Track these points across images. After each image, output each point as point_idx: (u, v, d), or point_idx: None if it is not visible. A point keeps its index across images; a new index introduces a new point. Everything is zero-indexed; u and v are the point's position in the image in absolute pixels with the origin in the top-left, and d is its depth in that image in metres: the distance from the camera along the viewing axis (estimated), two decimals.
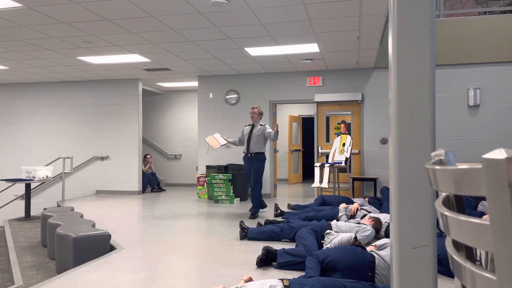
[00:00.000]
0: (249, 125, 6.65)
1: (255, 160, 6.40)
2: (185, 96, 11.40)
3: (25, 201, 7.70)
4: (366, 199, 6.26)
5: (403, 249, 2.01)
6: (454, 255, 0.71)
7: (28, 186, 7.70)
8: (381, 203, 6.04)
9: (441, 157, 0.80)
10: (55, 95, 9.99)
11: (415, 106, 2.02)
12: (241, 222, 4.92)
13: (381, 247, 3.42)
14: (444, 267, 3.20)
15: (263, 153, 6.46)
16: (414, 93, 2.03)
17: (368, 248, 3.40)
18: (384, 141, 8.17)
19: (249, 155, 6.44)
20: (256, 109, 6.56)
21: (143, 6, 4.69)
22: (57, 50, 6.79)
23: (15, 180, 7.76)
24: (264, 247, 3.69)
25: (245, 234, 4.78)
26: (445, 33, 7.58)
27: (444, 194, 0.78)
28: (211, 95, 9.13)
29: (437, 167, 0.71)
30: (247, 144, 6.44)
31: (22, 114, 10.22)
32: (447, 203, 0.77)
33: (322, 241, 3.93)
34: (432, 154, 0.82)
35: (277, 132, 6.23)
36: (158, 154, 11.58)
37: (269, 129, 6.42)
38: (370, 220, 4.49)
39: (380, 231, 4.51)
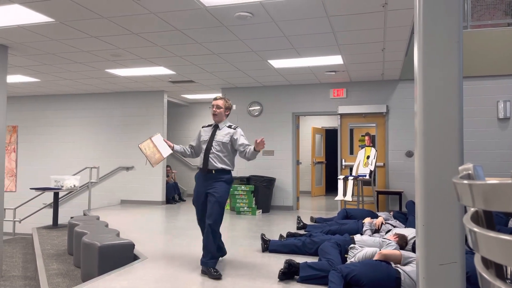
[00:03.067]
0: (209, 125, 4.39)
1: (215, 181, 4.03)
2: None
3: (53, 210, 7.90)
4: (391, 213, 6.13)
5: (430, 266, 1.96)
6: (483, 273, 0.69)
7: (56, 195, 7.91)
8: (406, 218, 5.90)
9: (470, 172, 0.78)
10: (83, 107, 10.28)
11: (442, 119, 1.98)
12: (263, 234, 4.90)
13: (405, 260, 3.34)
14: (473, 285, 3.08)
15: (229, 172, 4.11)
16: (441, 106, 1.99)
17: (394, 265, 3.32)
18: (409, 154, 8.02)
19: (206, 172, 4.10)
20: (221, 101, 4.26)
21: (169, 20, 4.80)
22: (87, 63, 7.01)
23: (44, 189, 7.98)
24: (287, 260, 3.66)
25: (267, 247, 4.75)
26: (473, 45, 7.42)
27: (472, 209, 0.76)
28: (234, 106, 9.20)
29: (465, 181, 0.69)
30: (204, 156, 4.15)
31: (52, 125, 10.55)
32: (476, 218, 0.75)
33: (345, 255, 3.86)
34: (460, 168, 0.80)
35: (256, 152, 4.03)
36: (182, 165, 11.70)
37: (242, 139, 4.18)
38: (395, 236, 4.37)
39: (404, 248, 4.39)
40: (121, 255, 4.29)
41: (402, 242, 4.30)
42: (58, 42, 5.73)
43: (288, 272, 3.61)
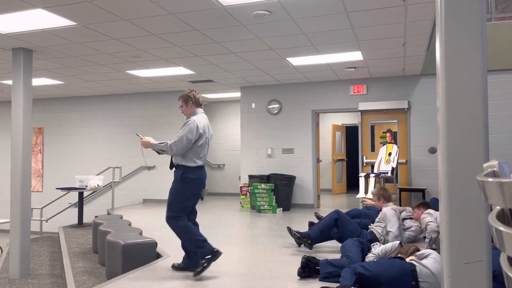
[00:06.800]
0: None
1: (174, 178, 3.91)
2: (228, 107, 11.57)
3: (78, 209, 8.08)
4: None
5: (455, 264, 1.91)
6: (510, 273, 0.67)
7: (81, 195, 8.09)
8: None
9: (495, 169, 0.76)
10: (106, 108, 10.48)
11: (466, 115, 1.94)
12: (288, 228, 4.93)
13: (421, 256, 3.28)
14: (501, 284, 3.01)
15: (182, 167, 3.83)
16: (465, 101, 1.95)
17: (408, 259, 3.28)
18: (432, 151, 7.86)
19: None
20: (179, 102, 4.16)
21: (188, 20, 4.83)
22: (108, 65, 7.13)
23: (69, 189, 8.18)
24: (304, 256, 3.65)
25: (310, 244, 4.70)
26: (498, 37, 7.21)
27: (498, 207, 0.74)
28: (253, 105, 9.21)
29: (490, 179, 0.68)
30: None
31: (76, 126, 10.80)
32: (501, 217, 0.73)
33: (368, 252, 3.82)
34: (485, 165, 0.78)
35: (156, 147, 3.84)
36: None
37: (182, 128, 3.89)
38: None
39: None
40: (144, 253, 4.35)
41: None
42: (80, 45, 5.85)
43: (308, 269, 3.59)
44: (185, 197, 3.85)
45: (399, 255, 3.48)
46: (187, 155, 3.83)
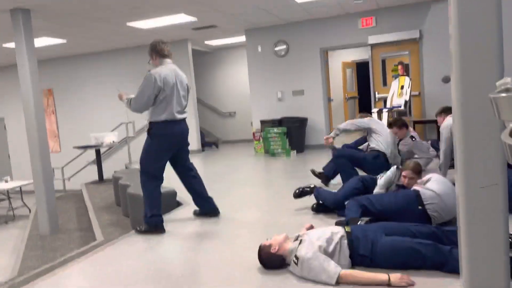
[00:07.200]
0: None
1: None
2: (234, 53, 11.32)
3: (97, 166, 8.29)
4: (429, 142, 6.00)
5: (470, 189, 1.92)
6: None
7: (98, 152, 8.25)
8: None
9: (508, 85, 0.73)
10: (112, 63, 10.37)
11: (479, 38, 1.85)
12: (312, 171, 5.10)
13: (423, 181, 3.30)
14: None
15: (150, 124, 3.70)
16: (478, 24, 1.85)
17: (414, 187, 3.30)
18: (446, 80, 7.66)
19: None
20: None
21: None
22: (107, 19, 6.95)
23: (86, 147, 8.33)
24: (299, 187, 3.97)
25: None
26: None
27: (511, 125, 0.72)
28: (259, 48, 8.99)
29: (503, 94, 0.65)
30: None
31: (84, 84, 10.78)
32: None
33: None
34: (498, 83, 0.75)
35: (126, 101, 3.79)
36: (213, 113, 11.79)
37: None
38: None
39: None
40: (165, 202, 4.47)
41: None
42: (76, 1, 5.67)
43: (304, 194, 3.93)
44: (154, 153, 3.63)
45: (403, 174, 3.48)
46: (154, 110, 3.61)
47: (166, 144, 3.68)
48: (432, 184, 3.16)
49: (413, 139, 5.23)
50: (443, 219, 3.05)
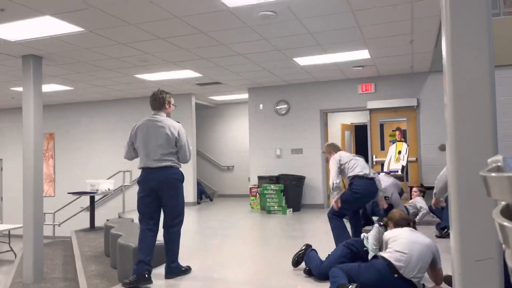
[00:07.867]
0: None
1: None
2: (236, 108, 11.59)
3: (89, 213, 8.15)
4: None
5: (466, 262, 1.89)
6: None
7: (92, 199, 8.16)
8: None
9: (499, 164, 0.75)
10: (115, 112, 10.56)
11: (473, 110, 1.92)
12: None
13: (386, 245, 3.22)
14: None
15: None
16: (472, 97, 1.93)
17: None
18: (443, 148, 7.77)
19: None
20: None
21: (193, 23, 4.86)
22: (116, 70, 7.19)
23: (80, 193, 8.26)
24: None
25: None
26: (506, 32, 7.11)
27: (503, 203, 0.73)
28: (261, 106, 9.21)
29: (493, 174, 0.67)
30: None
31: (86, 131, 10.90)
32: (506, 212, 0.72)
33: (364, 249, 3.65)
34: (489, 160, 0.77)
35: None
36: (212, 166, 11.82)
37: None
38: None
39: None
40: (155, 256, 4.37)
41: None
42: (88, 51, 5.91)
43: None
44: (139, 199, 3.81)
45: (388, 228, 3.34)
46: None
47: (142, 190, 3.80)
48: (395, 244, 3.06)
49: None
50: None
